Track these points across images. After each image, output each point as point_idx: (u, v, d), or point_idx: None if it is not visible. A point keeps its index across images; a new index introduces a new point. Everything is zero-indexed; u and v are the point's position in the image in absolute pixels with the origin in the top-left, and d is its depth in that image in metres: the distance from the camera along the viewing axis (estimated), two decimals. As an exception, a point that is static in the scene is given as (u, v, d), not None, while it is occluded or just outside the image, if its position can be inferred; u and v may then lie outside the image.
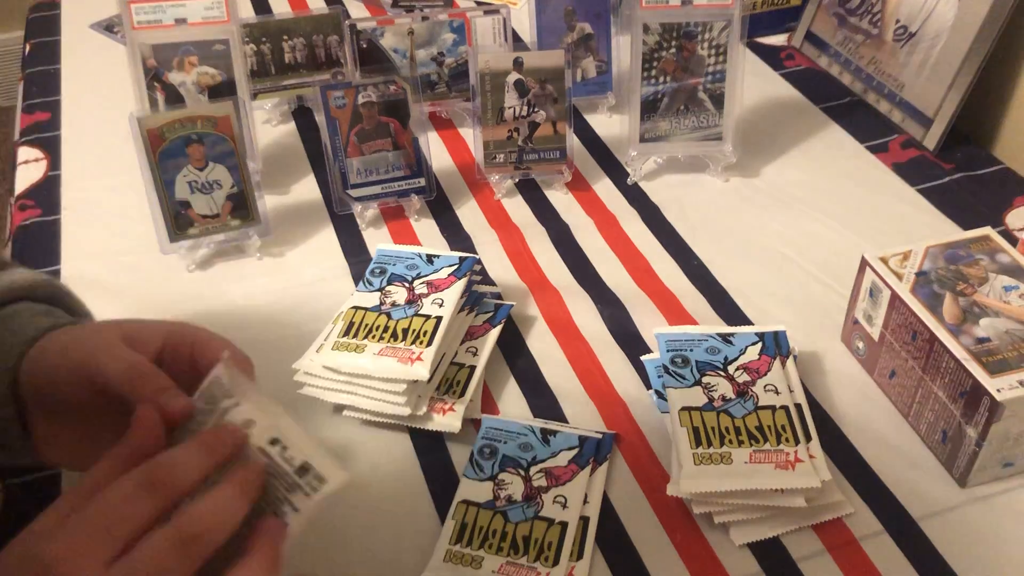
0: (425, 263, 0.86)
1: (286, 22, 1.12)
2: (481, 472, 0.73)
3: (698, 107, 1.02)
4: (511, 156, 1.02)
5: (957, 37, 1.03)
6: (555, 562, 0.67)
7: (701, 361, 0.77)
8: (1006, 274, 0.76)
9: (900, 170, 1.05)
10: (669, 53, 1.00)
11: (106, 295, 0.91)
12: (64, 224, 1.01)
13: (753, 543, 0.68)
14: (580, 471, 0.72)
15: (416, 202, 1.00)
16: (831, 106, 1.16)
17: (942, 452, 0.73)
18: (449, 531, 0.69)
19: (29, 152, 1.13)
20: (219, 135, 0.90)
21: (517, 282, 0.92)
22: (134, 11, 0.97)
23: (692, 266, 0.94)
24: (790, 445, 0.70)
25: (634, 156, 1.04)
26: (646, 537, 0.69)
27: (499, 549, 0.67)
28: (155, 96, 1.00)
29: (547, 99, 1.00)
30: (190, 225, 0.93)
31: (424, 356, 0.75)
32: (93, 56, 1.31)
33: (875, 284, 0.78)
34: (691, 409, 0.73)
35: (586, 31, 1.12)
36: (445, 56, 1.11)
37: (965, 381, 0.69)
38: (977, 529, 0.70)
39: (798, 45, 1.27)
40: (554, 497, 0.71)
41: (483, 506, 0.70)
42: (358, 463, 0.76)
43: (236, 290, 0.92)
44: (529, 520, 0.69)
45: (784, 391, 0.74)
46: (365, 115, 0.96)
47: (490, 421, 0.77)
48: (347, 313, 0.81)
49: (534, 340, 0.86)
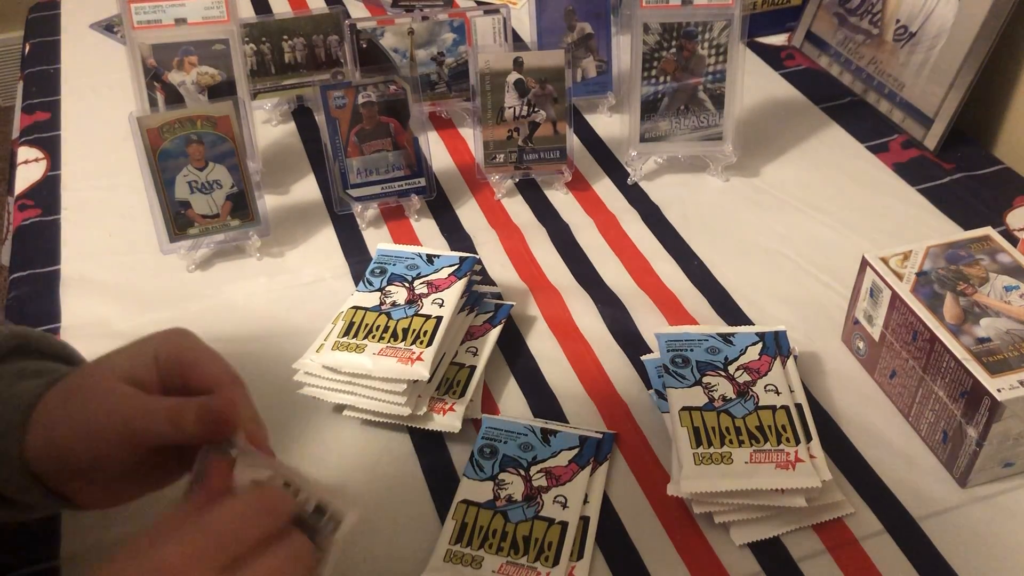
0: (425, 263, 0.86)
1: (286, 22, 1.12)
2: (481, 472, 0.73)
3: (698, 107, 1.02)
4: (511, 156, 1.02)
5: (957, 37, 1.03)
6: (555, 562, 0.67)
7: (701, 361, 0.77)
8: (1007, 274, 0.76)
9: (900, 170, 1.05)
10: (669, 53, 1.00)
11: (106, 295, 0.91)
12: (64, 224, 1.01)
13: (753, 543, 0.68)
14: (580, 471, 0.72)
15: (416, 202, 1.00)
16: (831, 106, 1.16)
17: (942, 452, 0.73)
18: (449, 531, 0.69)
19: (29, 152, 1.13)
20: (219, 135, 0.90)
21: (517, 282, 0.92)
22: (134, 11, 0.97)
23: (692, 266, 0.94)
24: (790, 445, 0.70)
25: (634, 156, 1.04)
26: (646, 537, 0.69)
27: (499, 549, 0.67)
28: (155, 96, 1.00)
29: (547, 99, 1.00)
30: (190, 225, 0.93)
31: (424, 356, 0.75)
32: (93, 56, 1.31)
33: (875, 284, 0.78)
34: (691, 409, 0.73)
35: (586, 31, 1.12)
36: (445, 56, 1.11)
37: (965, 381, 0.69)
38: (977, 529, 0.69)
39: (798, 45, 1.27)
40: (554, 497, 0.71)
41: (483, 506, 0.70)
42: (358, 463, 0.76)
43: (236, 290, 0.92)
44: (529, 520, 0.69)
45: (784, 391, 0.74)
46: (365, 115, 0.96)
47: (490, 421, 0.77)
48: (347, 313, 0.81)
49: (534, 340, 0.86)
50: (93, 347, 0.85)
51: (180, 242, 0.93)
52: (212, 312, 0.89)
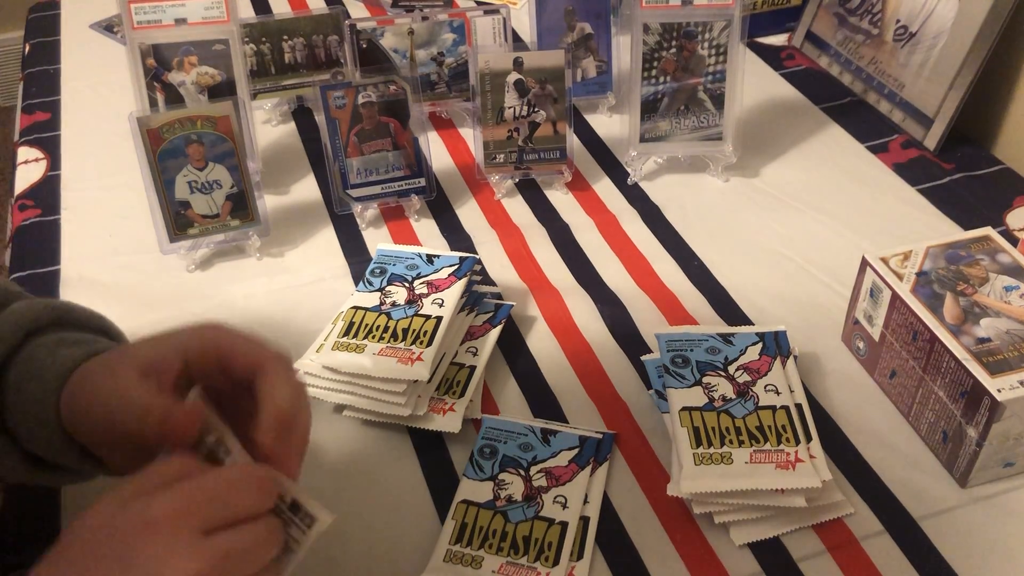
0: (425, 263, 0.86)
1: (286, 22, 1.12)
2: (481, 472, 0.73)
3: (698, 107, 1.02)
4: (511, 156, 1.02)
5: (957, 37, 1.03)
6: (555, 562, 0.67)
7: (701, 361, 0.77)
8: (1007, 274, 0.76)
9: (900, 170, 1.05)
10: (669, 53, 1.00)
11: (106, 295, 0.91)
12: (64, 224, 1.01)
13: (753, 543, 0.68)
14: (580, 471, 0.72)
15: (416, 202, 1.00)
16: (831, 106, 1.16)
17: (942, 452, 0.73)
18: (449, 531, 0.69)
19: (29, 152, 1.13)
20: (219, 135, 0.90)
21: (517, 282, 0.92)
22: (134, 11, 0.97)
23: (692, 266, 0.94)
24: (790, 445, 0.70)
25: (634, 156, 1.04)
26: (646, 537, 0.69)
27: (499, 549, 0.67)
28: (155, 96, 1.00)
29: (547, 99, 1.00)
30: (190, 225, 0.93)
31: (424, 356, 0.75)
32: (93, 56, 1.31)
33: (876, 284, 0.78)
34: (691, 409, 0.73)
35: (586, 31, 1.12)
36: (445, 56, 1.11)
37: (966, 381, 0.69)
38: (977, 529, 0.69)
39: (798, 45, 1.27)
40: (554, 497, 0.71)
41: (483, 506, 0.70)
42: (358, 463, 0.76)
43: (236, 290, 0.92)
44: (529, 520, 0.69)
45: (784, 391, 0.74)
46: (365, 115, 0.96)
47: (490, 421, 0.77)
48: (347, 313, 0.81)
49: (534, 340, 0.86)
50: (93, 347, 0.86)
51: (180, 242, 0.93)
52: (212, 312, 0.89)
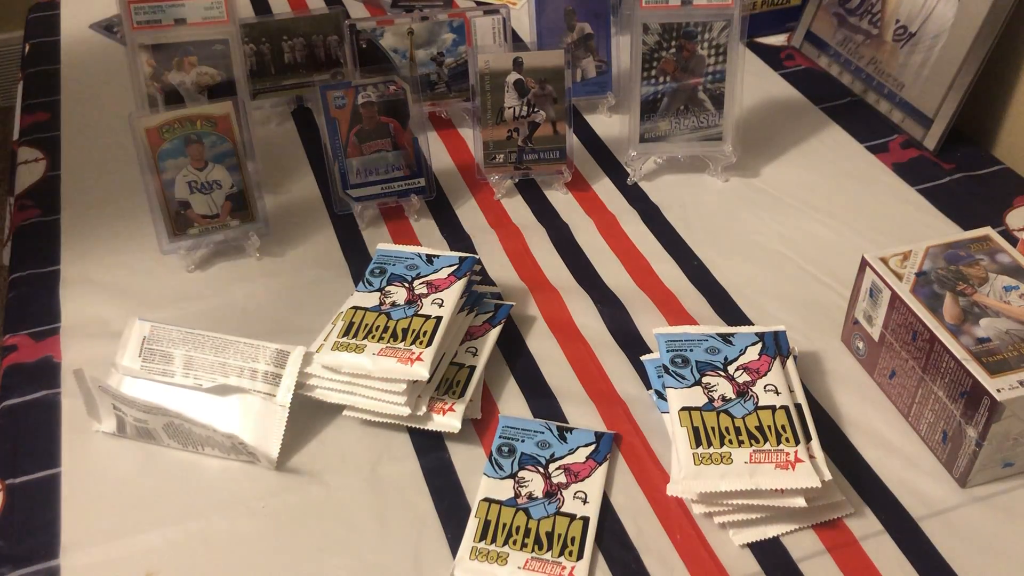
0: (425, 263, 0.86)
1: (286, 22, 1.12)
2: (501, 470, 0.73)
3: (698, 107, 1.02)
4: (511, 156, 1.02)
5: (957, 37, 1.03)
6: (579, 556, 0.67)
7: (701, 361, 0.77)
8: (1006, 274, 0.76)
9: (900, 170, 1.05)
10: (669, 53, 1.00)
11: (106, 295, 0.91)
12: (64, 224, 1.01)
13: (753, 543, 0.68)
14: (598, 467, 0.73)
15: (416, 202, 1.00)
16: (831, 106, 1.16)
17: (942, 452, 0.73)
18: (473, 529, 0.69)
19: (29, 152, 1.13)
20: (219, 135, 0.90)
21: (517, 282, 0.92)
22: (134, 11, 0.97)
23: (692, 266, 0.94)
24: (790, 445, 0.70)
25: (634, 156, 1.04)
26: (646, 537, 0.70)
27: (523, 545, 0.68)
28: (155, 96, 1.00)
29: (547, 99, 1.00)
30: (190, 225, 0.93)
31: (424, 356, 0.75)
32: (93, 56, 1.31)
33: (875, 284, 0.78)
34: (691, 409, 0.73)
35: (586, 31, 1.12)
36: (445, 56, 1.11)
37: (965, 381, 0.69)
38: (977, 529, 0.69)
39: (798, 45, 1.27)
40: (574, 493, 0.71)
41: (505, 503, 0.71)
42: (358, 463, 0.76)
43: (236, 290, 0.92)
44: (551, 516, 0.70)
45: (784, 391, 0.74)
46: (365, 115, 0.96)
47: (507, 420, 0.77)
48: (347, 313, 0.81)
49: (534, 340, 0.86)
50: (93, 347, 0.86)
51: (180, 242, 0.93)
52: (212, 312, 0.89)
